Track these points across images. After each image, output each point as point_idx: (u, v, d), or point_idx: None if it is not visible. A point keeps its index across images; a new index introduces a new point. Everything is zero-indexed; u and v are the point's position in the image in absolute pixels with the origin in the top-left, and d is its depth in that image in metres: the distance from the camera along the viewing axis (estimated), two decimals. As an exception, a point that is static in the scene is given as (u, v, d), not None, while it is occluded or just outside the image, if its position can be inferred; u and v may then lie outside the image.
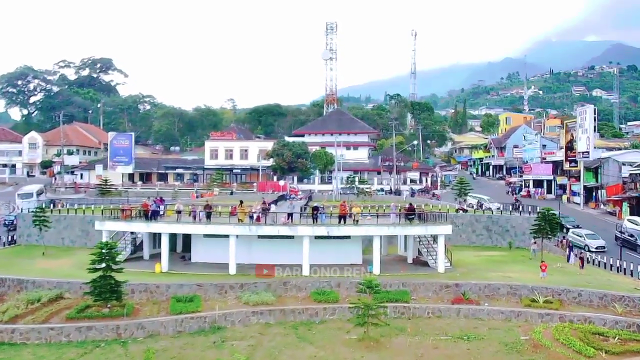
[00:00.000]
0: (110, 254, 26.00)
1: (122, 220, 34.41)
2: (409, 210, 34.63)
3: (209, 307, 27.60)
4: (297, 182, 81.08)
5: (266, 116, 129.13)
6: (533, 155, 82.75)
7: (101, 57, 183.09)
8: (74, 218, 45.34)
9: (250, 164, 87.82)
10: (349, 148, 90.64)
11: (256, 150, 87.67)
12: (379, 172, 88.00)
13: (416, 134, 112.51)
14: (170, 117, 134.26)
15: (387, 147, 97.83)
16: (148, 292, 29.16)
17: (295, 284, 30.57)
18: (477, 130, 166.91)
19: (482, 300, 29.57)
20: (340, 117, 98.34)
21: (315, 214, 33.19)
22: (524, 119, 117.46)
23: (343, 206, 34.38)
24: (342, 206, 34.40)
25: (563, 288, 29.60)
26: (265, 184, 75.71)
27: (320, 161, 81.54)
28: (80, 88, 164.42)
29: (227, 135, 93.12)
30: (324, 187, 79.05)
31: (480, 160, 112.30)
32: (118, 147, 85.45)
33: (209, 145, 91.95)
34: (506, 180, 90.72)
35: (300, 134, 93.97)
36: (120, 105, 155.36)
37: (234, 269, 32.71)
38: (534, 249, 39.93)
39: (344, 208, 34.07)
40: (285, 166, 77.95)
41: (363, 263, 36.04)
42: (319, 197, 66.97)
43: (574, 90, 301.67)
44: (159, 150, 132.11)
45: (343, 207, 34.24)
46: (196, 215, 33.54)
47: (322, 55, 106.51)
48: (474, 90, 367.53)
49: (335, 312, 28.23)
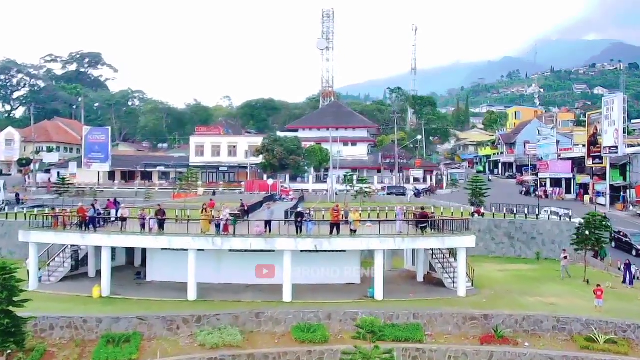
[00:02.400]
0: (6, 282, 18.47)
1: (53, 229, 26.83)
2: (422, 217, 27.07)
3: (149, 352, 20.14)
4: (289, 181, 73.63)
5: (259, 111, 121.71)
6: (549, 152, 75.24)
7: (90, 52, 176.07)
8: (13, 224, 37.75)
9: (239, 161, 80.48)
10: (346, 144, 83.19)
11: (245, 146, 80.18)
12: (379, 170, 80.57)
13: (418, 131, 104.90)
14: (157, 113, 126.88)
15: (388, 144, 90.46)
16: (72, 328, 21.60)
17: (272, 315, 23.02)
18: (479, 127, 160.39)
19: (521, 338, 22.13)
20: (337, 110, 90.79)
21: (299, 222, 25.61)
22: (534, 113, 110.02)
23: (336, 211, 26.76)
24: (335, 211, 26.77)
25: (631, 323, 22.11)
26: (253, 183, 68.26)
27: (315, 158, 74.13)
28: (67, 83, 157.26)
29: (213, 130, 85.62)
30: (319, 186, 71.61)
31: (488, 157, 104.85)
32: (93, 143, 77.82)
33: (194, 141, 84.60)
34: (518, 179, 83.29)
35: (294, 129, 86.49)
36: (107, 100, 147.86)
37: (193, 294, 25.20)
38: (563, 265, 31.05)
39: (337, 214, 26.50)
40: (276, 163, 70.49)
41: (362, 282, 28.67)
42: (313, 198, 59.48)
43: (576, 88, 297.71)
44: (145, 147, 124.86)
45: (336, 212, 26.65)
46: (145, 223, 25.87)
47: (317, 44, 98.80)
48: (474, 88, 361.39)
49: (324, 357, 20.79)
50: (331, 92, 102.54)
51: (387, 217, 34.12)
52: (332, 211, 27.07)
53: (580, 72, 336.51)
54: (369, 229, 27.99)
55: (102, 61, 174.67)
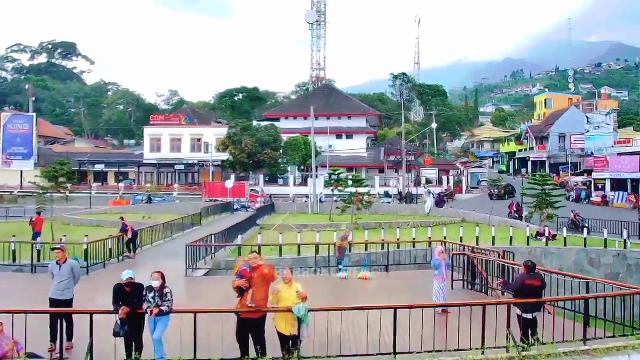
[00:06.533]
0: None
1: None
2: (530, 286, 9.08)
3: None
4: (263, 183, 56.40)
5: (242, 102, 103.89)
6: (603, 145, 57.86)
7: (63, 42, 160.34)
8: None
9: (204, 157, 63.24)
10: (340, 136, 65.90)
11: (212, 138, 62.79)
12: (382, 169, 63.29)
13: (425, 125, 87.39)
14: (125, 105, 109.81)
15: (393, 137, 72.96)
16: None
17: None
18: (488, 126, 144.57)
19: None
20: (329, 94, 73.20)
21: (127, 331, 7.98)
22: (569, 100, 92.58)
23: (287, 281, 8.63)
24: (287, 281, 8.64)
25: None
26: (214, 186, 50.74)
27: (298, 153, 56.79)
28: (35, 75, 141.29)
29: (173, 119, 68.17)
30: (303, 189, 54.32)
31: (512, 154, 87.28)
32: (14, 135, 60.53)
33: (149, 133, 67.35)
34: (557, 180, 65.71)
35: (274, 118, 68.91)
36: (75, 93, 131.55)
37: None
38: None
39: (288, 282, 8.55)
40: (246, 159, 53.15)
41: None
42: (287, 208, 42.12)
43: (582, 87, 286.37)
44: (109, 143, 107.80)
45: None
46: None
47: (306, 16, 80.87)
48: (477, 88, 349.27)
49: None
50: (323, 77, 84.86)
51: (406, 258, 16.74)
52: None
53: (586, 71, 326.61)
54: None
55: (77, 52, 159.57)
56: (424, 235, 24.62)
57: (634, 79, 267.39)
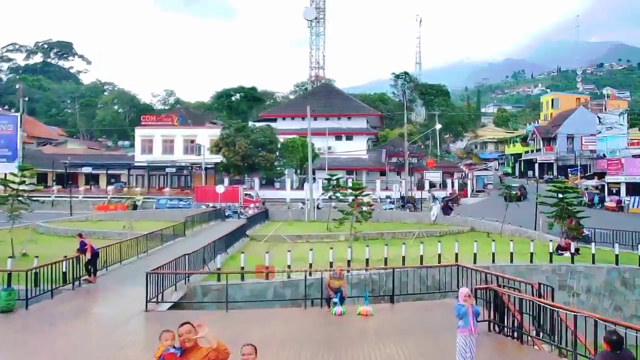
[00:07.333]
0: None
1: None
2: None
3: None
4: (258, 186, 53.56)
5: (239, 102, 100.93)
6: (617, 146, 55.02)
7: (59, 41, 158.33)
8: None
9: (197, 159, 60.39)
10: (339, 137, 63.05)
11: (206, 140, 59.92)
12: (383, 172, 60.46)
13: (428, 126, 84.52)
14: (118, 105, 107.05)
15: (394, 138, 70.10)
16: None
17: None
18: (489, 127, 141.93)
19: None
20: (328, 93, 70.31)
21: None
22: (577, 100, 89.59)
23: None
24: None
25: None
26: (204, 189, 47.86)
27: (295, 155, 53.96)
28: (30, 75, 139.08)
29: (165, 120, 65.31)
30: (300, 193, 51.48)
31: (517, 156, 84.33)
32: (-2, 135, 57.71)
33: (140, 134, 64.59)
34: (567, 184, 62.84)
35: (271, 118, 66.05)
36: (70, 93, 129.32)
37: None
38: None
39: None
40: (239, 161, 50.29)
41: None
42: (281, 215, 39.27)
43: (584, 88, 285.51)
44: (103, 145, 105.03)
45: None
46: None
47: (305, 13, 77.98)
48: (478, 88, 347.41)
49: None
50: (322, 76, 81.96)
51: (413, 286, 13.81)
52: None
53: (588, 71, 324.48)
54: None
55: (73, 51, 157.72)
56: (433, 249, 21.68)
57: (637, 79, 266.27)
